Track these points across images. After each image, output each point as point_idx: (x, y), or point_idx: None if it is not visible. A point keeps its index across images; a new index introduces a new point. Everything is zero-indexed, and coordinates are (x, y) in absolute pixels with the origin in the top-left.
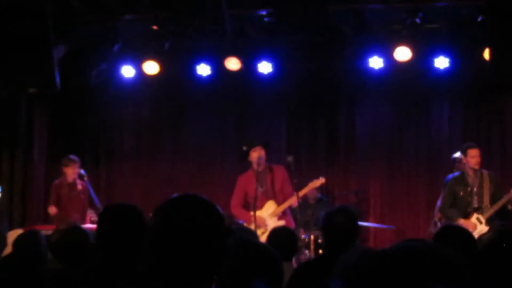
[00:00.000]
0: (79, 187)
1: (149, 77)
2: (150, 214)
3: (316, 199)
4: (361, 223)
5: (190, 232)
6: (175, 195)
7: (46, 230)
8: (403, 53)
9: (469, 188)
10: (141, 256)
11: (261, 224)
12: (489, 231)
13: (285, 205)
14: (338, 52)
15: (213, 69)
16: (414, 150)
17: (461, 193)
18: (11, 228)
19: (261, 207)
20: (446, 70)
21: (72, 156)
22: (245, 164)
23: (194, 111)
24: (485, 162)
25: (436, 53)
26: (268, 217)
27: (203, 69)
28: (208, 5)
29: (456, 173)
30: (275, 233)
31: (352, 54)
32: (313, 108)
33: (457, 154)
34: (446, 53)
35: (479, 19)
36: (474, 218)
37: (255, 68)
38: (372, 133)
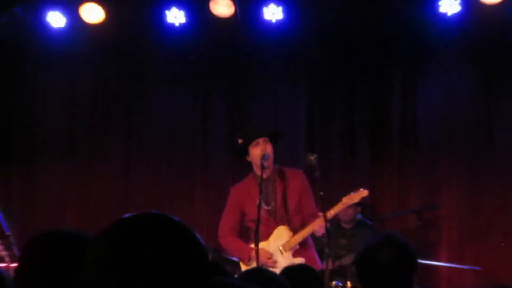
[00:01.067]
0: None
1: (89, 28)
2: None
3: (354, 222)
4: (425, 261)
5: (151, 275)
6: (128, 215)
7: None
8: None
9: None
10: None
11: (266, 262)
12: None
13: (305, 233)
14: None
15: (190, 15)
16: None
17: None
18: None
19: (267, 236)
20: None
21: None
22: (242, 167)
23: (160, 83)
24: None
25: None
26: (278, 252)
27: (176, 15)
28: None
29: None
30: (289, 275)
31: None
32: (347, 78)
33: None
34: None
35: None
36: None
37: (257, 13)
38: (444, 118)
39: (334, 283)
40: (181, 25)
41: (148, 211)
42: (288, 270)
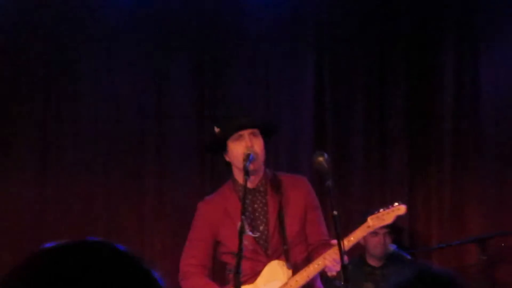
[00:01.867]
0: None
1: None
2: None
3: (385, 257)
4: None
5: None
6: (50, 244)
7: None
8: None
9: None
10: None
11: None
12: None
13: (311, 272)
14: None
15: None
16: None
17: None
18: None
19: (254, 276)
20: None
21: None
22: (216, 170)
23: (93, 48)
24: None
25: None
26: None
27: None
28: None
29: None
30: None
31: None
32: (375, 43)
33: None
34: None
35: None
36: None
37: None
38: None
39: None
40: None
41: (81, 238)
42: None
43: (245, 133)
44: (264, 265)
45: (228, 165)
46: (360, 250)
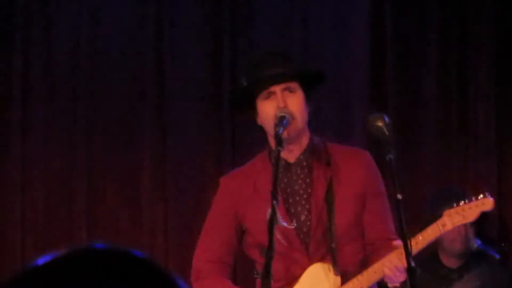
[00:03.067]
0: None
1: None
2: None
3: (465, 255)
4: None
5: None
6: (48, 258)
7: None
8: None
9: None
10: None
11: None
12: None
13: (365, 282)
14: None
15: None
16: None
17: None
18: None
19: (290, 281)
20: None
21: None
22: (246, 136)
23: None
24: None
25: None
26: None
27: None
28: None
29: None
30: None
31: None
32: None
33: None
34: None
35: None
36: None
37: None
38: None
39: None
40: None
41: (83, 244)
42: None
43: (277, 89)
44: (303, 268)
45: (262, 130)
46: (432, 246)
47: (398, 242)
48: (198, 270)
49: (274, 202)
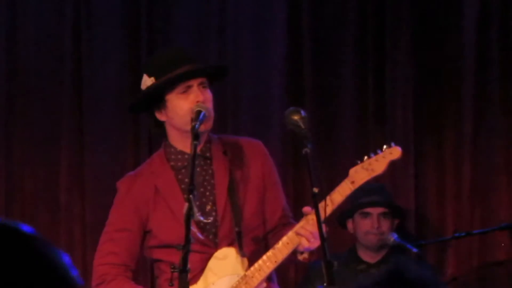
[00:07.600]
0: None
1: None
2: None
3: (384, 250)
4: None
5: None
6: None
7: None
8: None
9: None
10: None
11: None
12: None
13: (280, 254)
14: None
15: None
16: None
17: None
18: None
19: (199, 274)
20: None
21: None
22: (150, 134)
23: None
24: None
25: None
26: None
27: None
28: None
29: None
30: None
31: None
32: None
33: None
34: None
35: None
36: None
37: None
38: None
39: None
40: None
41: None
42: None
43: (195, 83)
44: (208, 255)
45: (159, 126)
46: (350, 241)
47: (308, 208)
48: (102, 274)
49: (191, 196)
